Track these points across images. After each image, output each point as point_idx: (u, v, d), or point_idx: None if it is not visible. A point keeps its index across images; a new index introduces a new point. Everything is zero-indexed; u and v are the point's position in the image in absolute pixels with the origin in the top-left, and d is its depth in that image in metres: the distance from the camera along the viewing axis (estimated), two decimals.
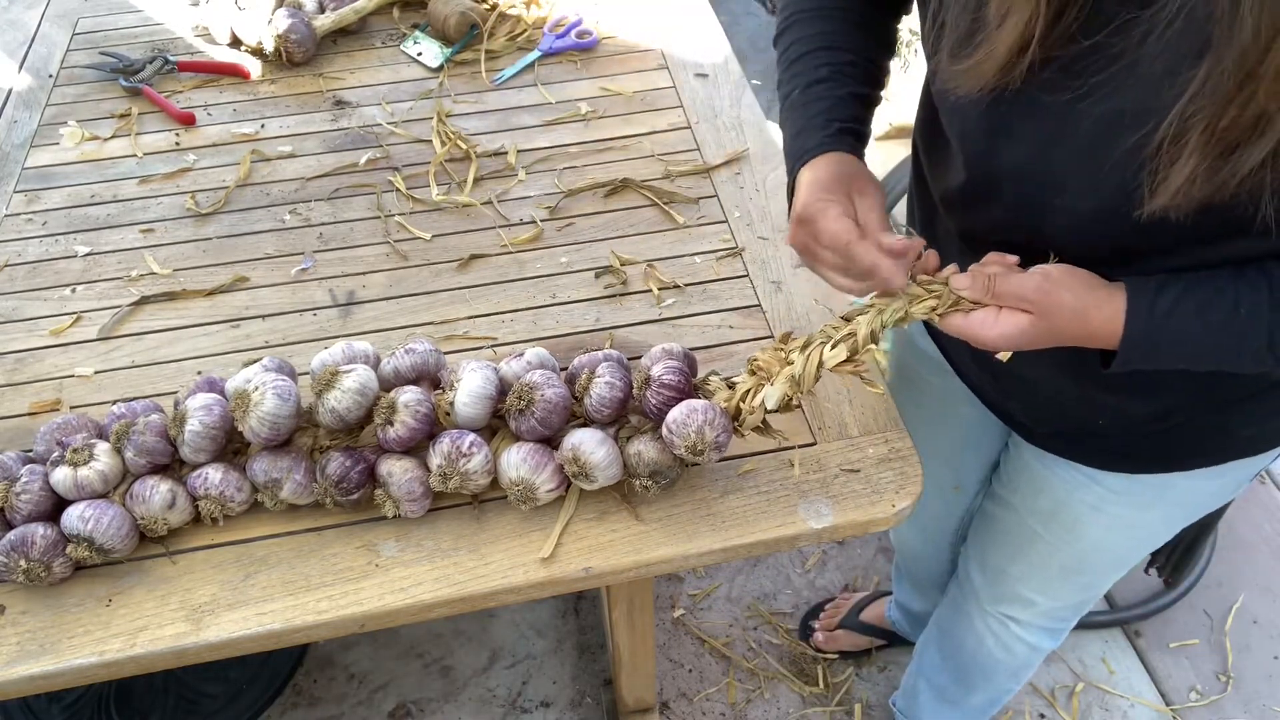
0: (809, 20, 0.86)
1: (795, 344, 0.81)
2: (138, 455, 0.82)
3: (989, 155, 0.73)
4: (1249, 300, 0.64)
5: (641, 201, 1.17)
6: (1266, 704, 1.62)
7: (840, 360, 0.76)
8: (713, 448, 0.79)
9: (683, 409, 0.79)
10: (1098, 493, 0.93)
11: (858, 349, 0.76)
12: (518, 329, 1.03)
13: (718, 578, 1.79)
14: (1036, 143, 0.68)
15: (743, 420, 0.81)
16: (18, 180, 1.22)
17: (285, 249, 1.13)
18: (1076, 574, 1.06)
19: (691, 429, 0.78)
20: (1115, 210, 0.65)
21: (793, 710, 1.62)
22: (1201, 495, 0.94)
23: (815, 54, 0.84)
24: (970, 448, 1.13)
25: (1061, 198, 0.69)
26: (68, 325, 1.04)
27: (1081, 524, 0.97)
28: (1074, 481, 0.94)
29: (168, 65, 1.39)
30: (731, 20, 3.12)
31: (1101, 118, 0.63)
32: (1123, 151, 0.62)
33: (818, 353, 0.77)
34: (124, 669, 0.78)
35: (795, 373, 0.78)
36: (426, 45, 1.42)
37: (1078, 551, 1.01)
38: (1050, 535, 1.01)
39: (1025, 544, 1.05)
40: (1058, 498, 0.97)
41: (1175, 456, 0.88)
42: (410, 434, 0.82)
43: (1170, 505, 0.94)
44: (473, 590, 0.80)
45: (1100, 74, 0.62)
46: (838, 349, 0.76)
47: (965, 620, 1.23)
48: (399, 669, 1.67)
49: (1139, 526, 0.97)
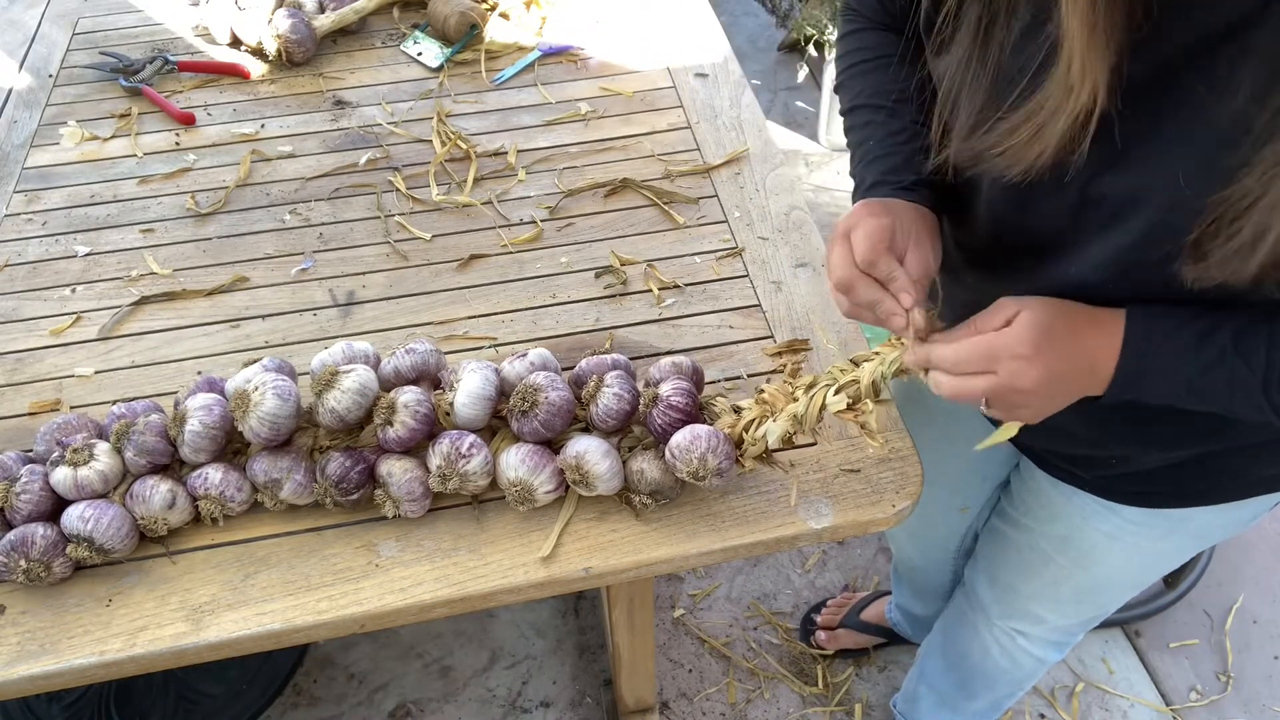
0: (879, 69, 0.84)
1: (802, 381, 0.82)
2: (138, 455, 0.82)
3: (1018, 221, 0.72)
4: (1247, 336, 0.62)
5: (641, 201, 1.17)
6: (1266, 704, 1.62)
7: (841, 408, 0.78)
8: (715, 474, 0.79)
9: (687, 434, 0.80)
10: (1114, 523, 0.91)
11: (859, 397, 0.77)
12: (518, 329, 1.03)
13: (718, 578, 1.79)
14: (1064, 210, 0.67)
15: (745, 450, 0.83)
16: (18, 180, 1.22)
17: (285, 249, 1.13)
18: (1089, 595, 1.04)
19: (694, 455, 0.79)
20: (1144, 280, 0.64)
21: (793, 710, 1.62)
22: (1218, 528, 0.92)
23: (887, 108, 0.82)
24: (978, 469, 1.11)
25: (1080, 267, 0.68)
26: (68, 325, 1.04)
27: (1097, 551, 0.95)
28: (1089, 510, 0.92)
29: (168, 65, 1.39)
30: (731, 20, 3.12)
31: (1130, 192, 0.61)
32: (1155, 224, 0.61)
33: (821, 396, 0.79)
34: (124, 669, 0.78)
35: (798, 412, 0.79)
36: (426, 45, 1.42)
37: (1092, 576, 0.99)
38: (1064, 559, 0.99)
39: (1038, 565, 1.03)
40: (1073, 524, 0.95)
41: (1194, 494, 0.86)
42: (410, 434, 0.82)
43: (1186, 536, 0.92)
44: (473, 590, 0.80)
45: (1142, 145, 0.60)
46: (839, 396, 0.77)
47: (971, 631, 1.22)
48: (399, 669, 1.67)
49: (1155, 554, 0.95)
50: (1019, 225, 0.73)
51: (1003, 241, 0.76)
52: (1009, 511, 1.06)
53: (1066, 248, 0.70)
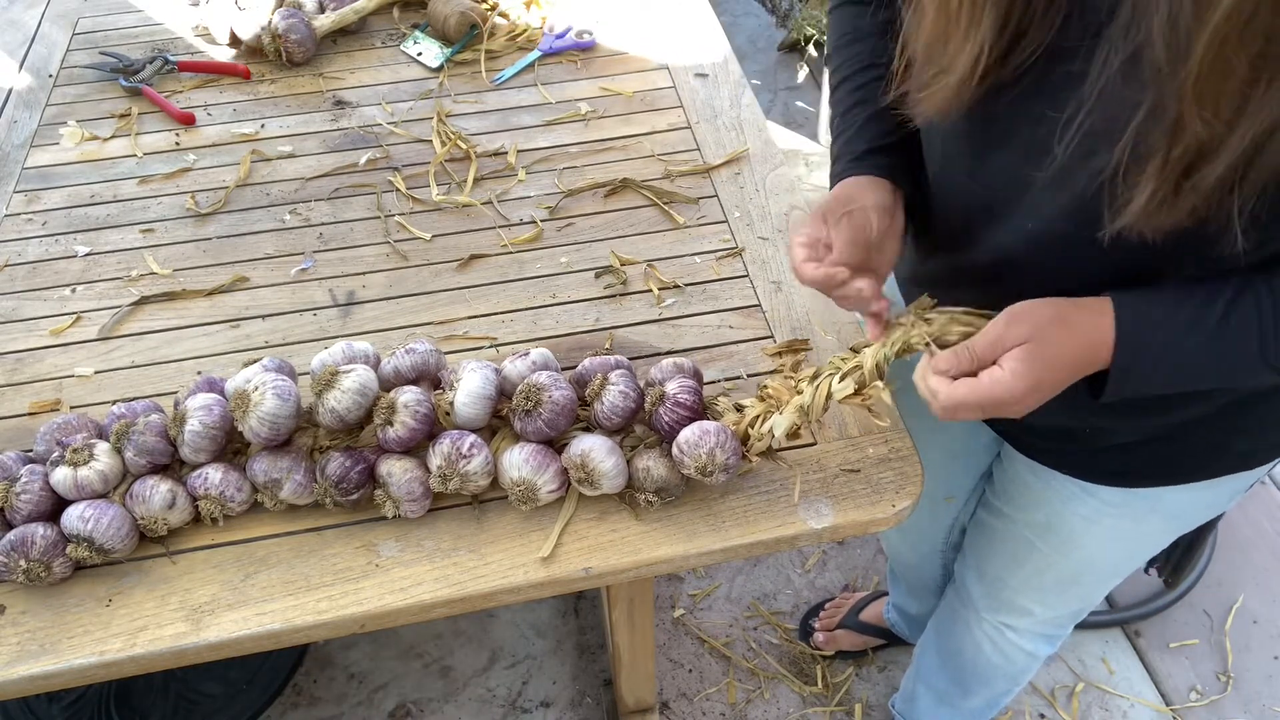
0: (845, 47, 0.87)
1: (805, 374, 0.83)
2: (138, 455, 0.82)
3: (970, 177, 0.74)
4: (1239, 307, 0.64)
5: (641, 201, 1.17)
6: (1266, 704, 1.62)
7: (848, 394, 0.78)
8: (722, 470, 0.80)
9: (695, 430, 0.80)
10: (1092, 505, 0.93)
11: (865, 382, 0.77)
12: (518, 329, 1.03)
13: (718, 578, 1.79)
14: (1012, 165, 0.68)
15: (750, 445, 0.83)
16: (18, 180, 1.22)
17: (285, 249, 1.13)
18: (1073, 584, 1.05)
19: (703, 451, 0.79)
20: (1087, 237, 0.65)
21: (793, 710, 1.62)
22: (1196, 507, 0.93)
23: (850, 79, 0.85)
24: (961, 457, 1.13)
25: (1036, 221, 0.70)
26: (68, 325, 1.04)
27: (1077, 536, 0.97)
28: (1068, 494, 0.94)
29: (168, 65, 1.39)
30: (731, 20, 3.12)
31: (1072, 140, 0.62)
32: (1091, 174, 0.62)
33: (826, 385, 0.80)
34: (124, 669, 0.78)
35: (804, 403, 0.80)
36: (426, 45, 1.42)
37: (1074, 563, 1.01)
38: (1046, 547, 1.01)
39: (1022, 554, 1.05)
40: (1052, 510, 0.97)
41: (1169, 471, 0.87)
42: (410, 434, 0.82)
43: (1165, 517, 0.93)
44: (473, 590, 0.80)
45: (1069, 96, 0.62)
46: (845, 382, 0.78)
47: (962, 627, 1.23)
48: (399, 669, 1.67)
49: (1134, 538, 0.97)
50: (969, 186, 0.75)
51: (955, 203, 0.79)
52: (992, 501, 1.08)
53: (1016, 203, 0.71)
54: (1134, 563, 1.03)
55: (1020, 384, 0.66)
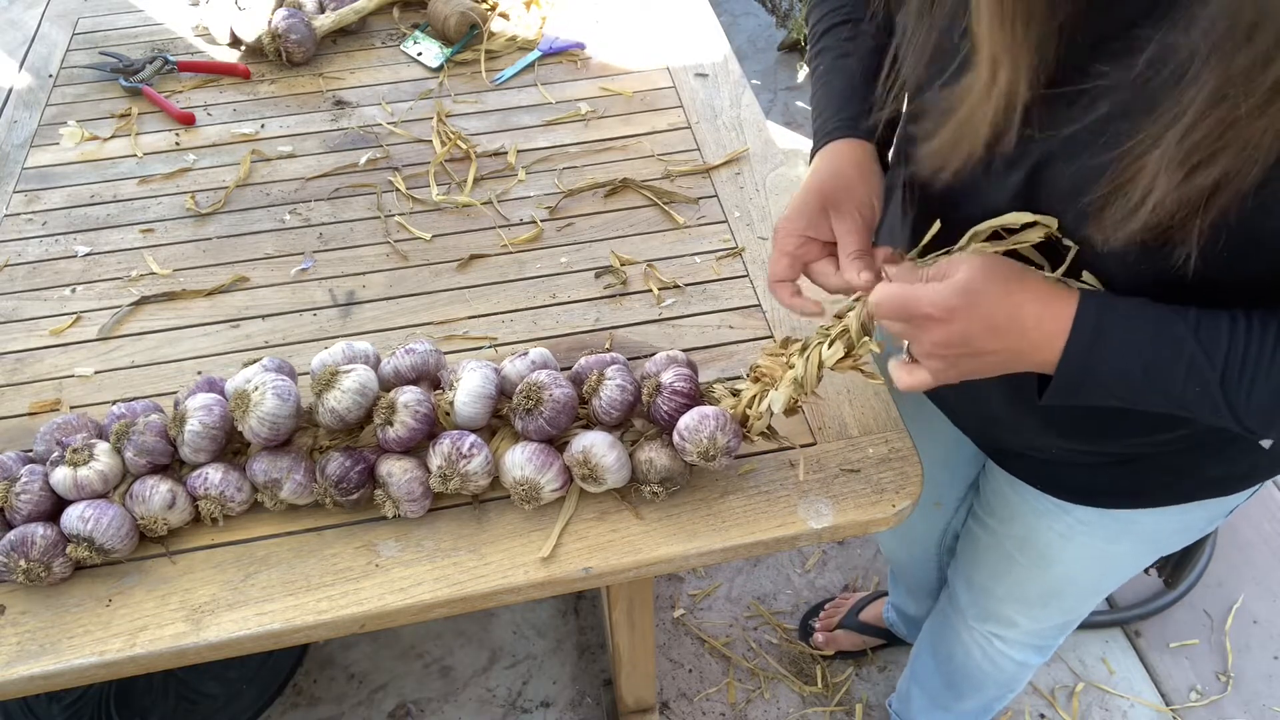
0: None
1: (794, 347, 0.83)
2: (138, 455, 0.82)
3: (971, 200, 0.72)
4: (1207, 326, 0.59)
5: (641, 201, 1.17)
6: (1266, 704, 1.62)
7: (839, 357, 0.77)
8: (724, 452, 0.80)
9: (694, 415, 0.80)
10: (1067, 522, 0.92)
11: (853, 344, 0.76)
12: (518, 329, 1.03)
13: (718, 578, 1.79)
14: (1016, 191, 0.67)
15: (750, 426, 0.83)
16: (18, 180, 1.22)
17: (285, 249, 1.13)
18: (1054, 598, 1.04)
19: (704, 435, 0.79)
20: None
21: (793, 710, 1.62)
22: (1169, 532, 0.91)
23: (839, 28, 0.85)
24: (948, 465, 1.13)
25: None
26: (68, 325, 1.04)
27: (1053, 551, 0.96)
28: (1043, 509, 0.93)
29: (168, 65, 1.39)
30: (731, 20, 3.12)
31: (1076, 172, 0.61)
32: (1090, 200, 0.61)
33: (817, 353, 0.79)
34: (124, 669, 0.78)
35: (798, 375, 0.79)
36: (426, 45, 1.42)
37: (1052, 578, 1.00)
38: (1025, 560, 1.00)
39: (1004, 566, 1.04)
40: (1028, 524, 0.96)
41: (1139, 493, 0.85)
42: (410, 434, 0.82)
43: (1137, 540, 0.92)
44: (473, 590, 0.80)
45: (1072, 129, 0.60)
46: (835, 346, 0.77)
47: (953, 633, 1.23)
48: (399, 669, 1.67)
49: (1108, 558, 0.95)
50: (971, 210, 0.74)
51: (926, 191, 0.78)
52: (978, 512, 1.08)
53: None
54: (1110, 584, 1.02)
55: (950, 299, 0.62)
